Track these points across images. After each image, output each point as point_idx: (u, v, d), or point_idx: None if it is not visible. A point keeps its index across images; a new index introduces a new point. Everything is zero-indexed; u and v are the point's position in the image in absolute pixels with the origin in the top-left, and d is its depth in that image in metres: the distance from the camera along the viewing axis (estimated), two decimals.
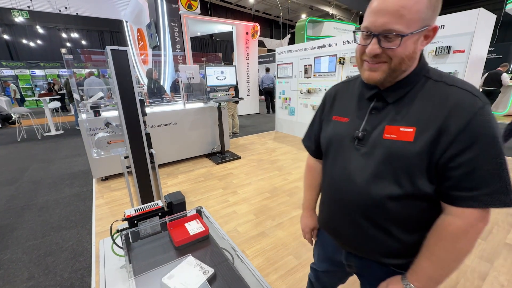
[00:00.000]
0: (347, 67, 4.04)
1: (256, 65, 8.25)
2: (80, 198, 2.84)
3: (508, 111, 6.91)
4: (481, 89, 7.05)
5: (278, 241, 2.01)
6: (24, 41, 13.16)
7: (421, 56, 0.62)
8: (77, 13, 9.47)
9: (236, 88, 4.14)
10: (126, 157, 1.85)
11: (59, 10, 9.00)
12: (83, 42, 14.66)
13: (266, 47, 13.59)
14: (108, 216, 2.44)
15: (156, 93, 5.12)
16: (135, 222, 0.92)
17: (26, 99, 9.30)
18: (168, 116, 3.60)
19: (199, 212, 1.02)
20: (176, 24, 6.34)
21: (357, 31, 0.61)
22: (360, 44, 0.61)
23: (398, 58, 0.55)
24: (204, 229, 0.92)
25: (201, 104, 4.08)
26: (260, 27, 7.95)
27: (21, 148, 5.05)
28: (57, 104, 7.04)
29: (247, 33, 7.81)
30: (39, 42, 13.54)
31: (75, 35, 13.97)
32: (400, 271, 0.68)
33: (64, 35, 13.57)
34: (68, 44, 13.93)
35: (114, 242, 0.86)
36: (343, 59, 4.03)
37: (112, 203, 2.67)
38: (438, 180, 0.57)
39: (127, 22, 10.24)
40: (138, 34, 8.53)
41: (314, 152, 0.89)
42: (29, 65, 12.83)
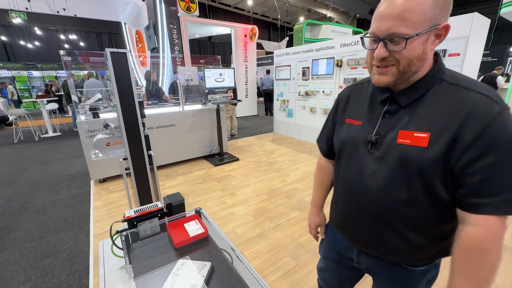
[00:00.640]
0: (345, 69, 4.08)
1: (255, 67, 8.28)
2: (78, 200, 2.82)
3: None
4: None
5: (277, 242, 2.02)
6: (21, 42, 13.10)
7: (438, 57, 0.61)
8: (75, 14, 9.43)
9: (234, 90, 4.16)
10: (124, 158, 1.86)
11: (57, 12, 8.97)
12: (81, 44, 14.63)
13: (264, 49, 13.65)
14: (106, 218, 2.43)
15: (155, 95, 5.12)
16: (135, 223, 0.92)
17: (23, 100, 9.23)
18: (166, 118, 3.61)
19: (198, 213, 1.03)
20: (175, 26, 6.36)
21: (364, 37, 0.62)
22: (368, 49, 0.62)
23: (406, 60, 0.56)
24: (203, 230, 0.92)
25: (199, 106, 4.09)
26: (259, 29, 8.00)
27: (18, 150, 5.02)
28: (54, 105, 7.01)
29: (245, 35, 7.85)
30: (36, 43, 13.49)
31: (73, 36, 13.95)
32: (412, 268, 0.69)
33: (62, 37, 13.53)
34: (66, 46, 13.89)
35: (114, 243, 0.86)
36: (341, 61, 4.07)
37: (110, 205, 2.66)
38: (454, 187, 0.56)
39: (125, 24, 10.24)
40: (137, 36, 8.54)
41: (326, 153, 0.90)
42: (26, 66, 12.76)
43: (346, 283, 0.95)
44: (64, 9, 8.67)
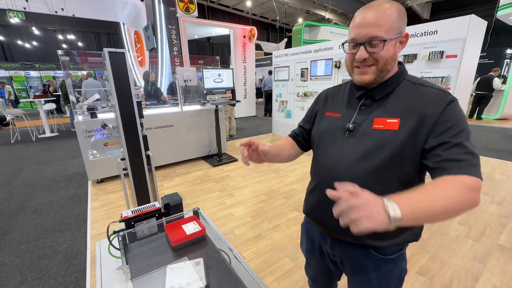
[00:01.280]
0: (343, 70, 4.09)
1: (253, 68, 8.29)
2: (75, 201, 2.81)
3: (500, 115, 7.04)
4: (474, 93, 7.18)
5: (275, 243, 2.01)
6: (19, 42, 13.04)
7: (401, 64, 0.74)
8: (73, 15, 9.38)
9: (233, 90, 4.16)
10: (122, 159, 1.85)
11: (56, 12, 8.92)
12: (80, 44, 14.59)
13: (263, 50, 13.68)
14: (103, 218, 2.41)
15: (153, 95, 5.11)
16: (132, 223, 0.92)
17: (21, 100, 9.16)
18: (165, 118, 3.60)
19: (196, 214, 1.03)
20: (174, 27, 6.36)
21: (345, 43, 0.72)
22: (349, 53, 0.72)
23: (383, 59, 0.66)
24: (200, 229, 0.92)
25: (198, 107, 4.08)
26: (257, 30, 8.01)
27: (14, 150, 4.98)
28: (52, 105, 6.97)
29: (244, 36, 7.86)
30: (34, 43, 13.44)
31: (71, 36, 13.90)
32: (383, 256, 0.74)
33: (60, 37, 13.49)
34: (64, 46, 13.83)
35: (111, 243, 0.85)
36: (339, 63, 4.09)
37: (108, 206, 2.65)
38: (427, 160, 0.63)
39: (124, 24, 10.22)
40: (135, 36, 8.52)
41: (297, 140, 0.97)
42: (24, 66, 12.71)
43: (333, 276, 0.98)
44: (62, 9, 8.62)
